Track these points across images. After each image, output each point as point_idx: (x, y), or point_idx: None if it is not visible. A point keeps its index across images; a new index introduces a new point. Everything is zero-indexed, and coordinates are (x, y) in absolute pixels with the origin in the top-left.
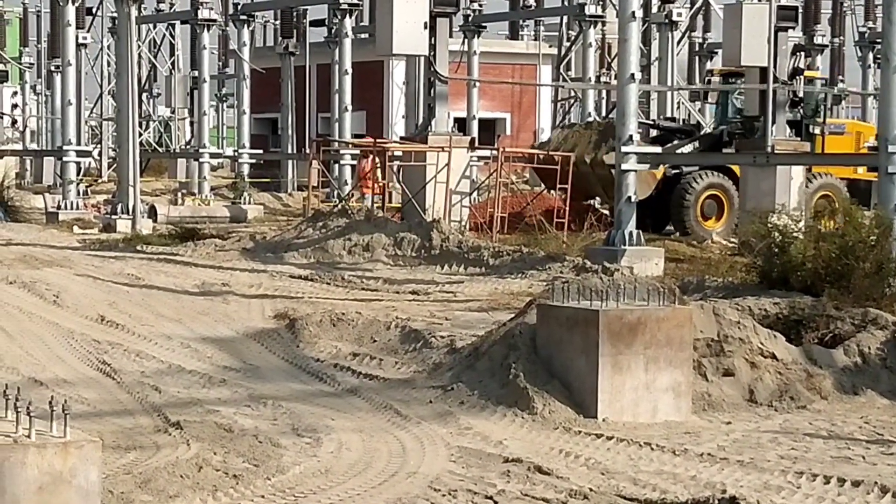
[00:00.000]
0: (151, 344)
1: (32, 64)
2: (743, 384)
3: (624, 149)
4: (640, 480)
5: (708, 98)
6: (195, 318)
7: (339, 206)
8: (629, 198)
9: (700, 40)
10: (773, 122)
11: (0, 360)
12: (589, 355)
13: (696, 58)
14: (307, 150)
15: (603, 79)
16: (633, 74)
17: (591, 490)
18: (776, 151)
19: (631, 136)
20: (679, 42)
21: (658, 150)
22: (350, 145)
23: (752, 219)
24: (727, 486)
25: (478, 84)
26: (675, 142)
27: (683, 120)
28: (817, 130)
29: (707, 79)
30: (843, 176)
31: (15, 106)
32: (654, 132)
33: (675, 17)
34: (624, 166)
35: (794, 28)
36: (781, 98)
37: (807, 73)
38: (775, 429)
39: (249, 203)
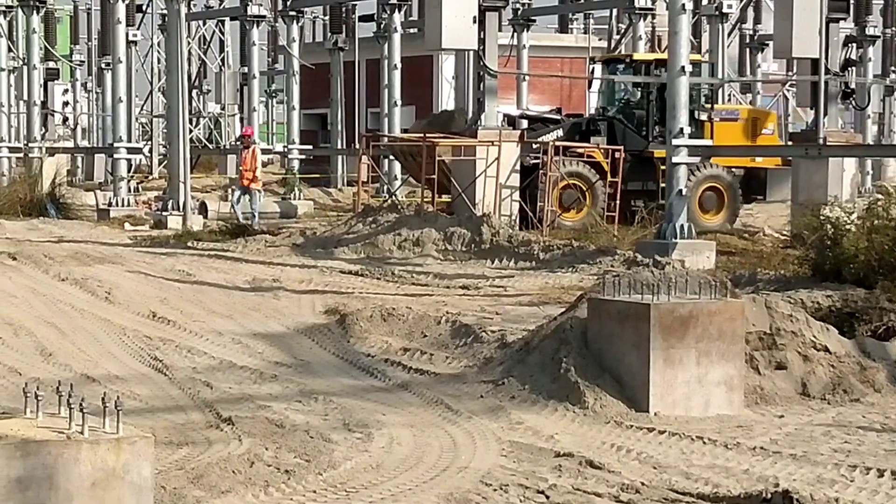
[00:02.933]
0: (203, 340)
1: (83, 61)
2: (795, 377)
3: (675, 142)
4: (693, 474)
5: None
6: (246, 314)
7: (389, 201)
8: (680, 191)
9: (750, 32)
10: (825, 115)
11: (53, 357)
12: (640, 349)
13: (747, 50)
14: (357, 146)
15: (653, 72)
16: (683, 67)
17: (642, 484)
18: (828, 143)
19: (682, 129)
20: (729, 34)
21: (708, 142)
22: (399, 140)
23: (805, 211)
24: (780, 479)
25: (527, 78)
26: (539, 129)
27: (558, 109)
28: (704, 117)
29: (592, 67)
30: (740, 165)
31: (66, 103)
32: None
33: (725, 9)
34: (675, 159)
35: (845, 19)
36: (833, 90)
37: (694, 56)
38: (828, 422)
39: (299, 199)
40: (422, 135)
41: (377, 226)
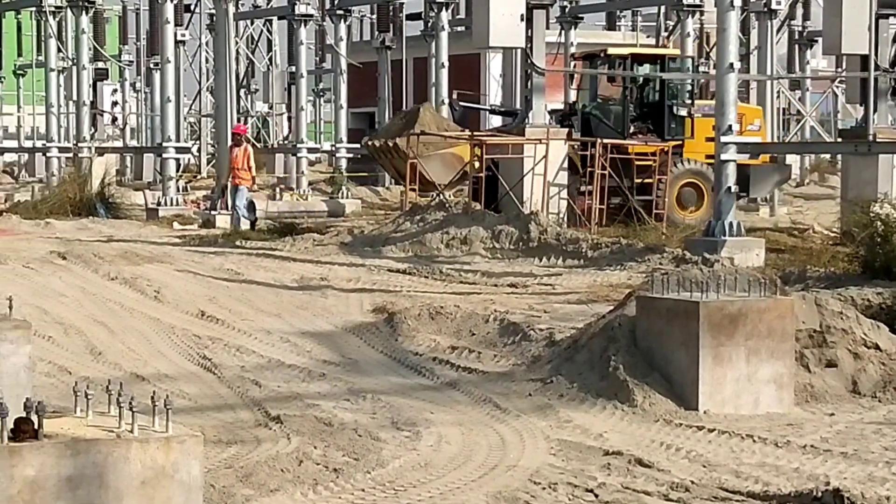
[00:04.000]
0: (251, 339)
1: (132, 61)
2: (846, 375)
3: (724, 139)
4: (743, 473)
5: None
6: (294, 313)
7: (437, 199)
8: (729, 188)
9: (799, 28)
10: (875, 111)
11: (102, 356)
12: (689, 347)
13: (796, 46)
14: None
15: (701, 69)
16: (731, 64)
17: (692, 483)
18: (878, 140)
19: (730, 127)
20: (778, 31)
21: (758, 139)
22: (447, 138)
23: (854, 208)
24: (830, 478)
25: (575, 75)
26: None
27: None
28: (683, 112)
29: (573, 63)
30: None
31: (115, 103)
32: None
33: (774, 6)
34: (723, 156)
35: (895, 15)
36: (883, 86)
37: (670, 51)
38: (879, 420)
39: (347, 197)
40: (469, 134)
41: (425, 224)
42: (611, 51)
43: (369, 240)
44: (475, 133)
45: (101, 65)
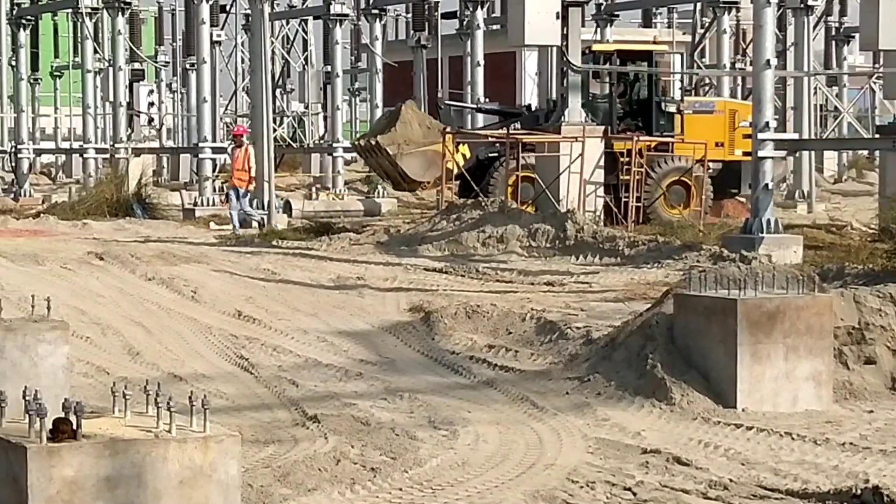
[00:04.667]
0: (288, 338)
1: (168, 62)
2: (885, 372)
3: (761, 136)
4: (781, 471)
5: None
6: (331, 312)
7: (473, 198)
8: (766, 185)
9: (836, 25)
10: None
11: (140, 357)
12: (727, 345)
13: (833, 42)
14: None
15: (738, 65)
16: (768, 60)
17: (730, 481)
18: None
19: (767, 123)
20: (815, 27)
21: (795, 136)
22: (483, 136)
23: (893, 205)
24: (870, 475)
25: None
26: (498, 123)
27: (528, 104)
28: (672, 108)
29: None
30: (717, 158)
31: (151, 104)
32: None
33: (810, 2)
34: (760, 153)
35: None
36: None
37: (657, 46)
38: None
39: (383, 196)
40: (506, 132)
41: (461, 223)
42: (595, 47)
43: (406, 239)
44: (511, 131)
45: (137, 66)
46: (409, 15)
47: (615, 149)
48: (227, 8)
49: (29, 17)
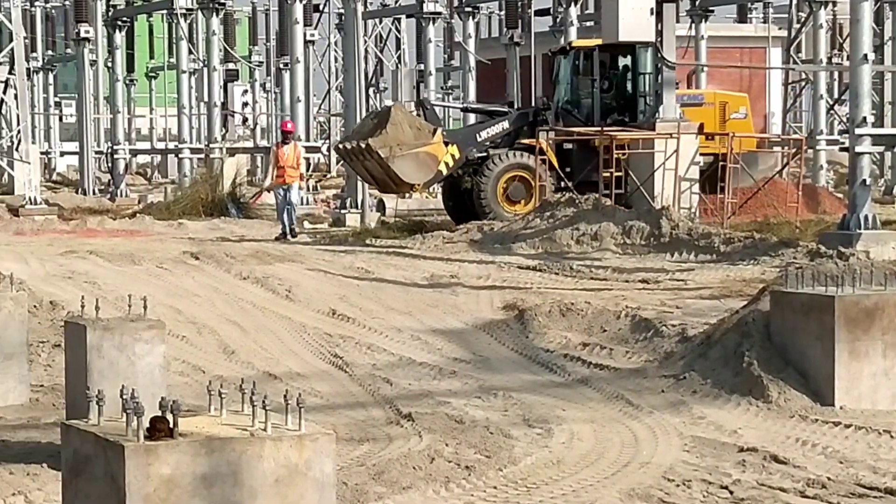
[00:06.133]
0: (382, 337)
1: (262, 62)
2: None
3: (858, 131)
4: (880, 469)
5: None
6: (425, 311)
7: (567, 195)
8: (864, 181)
9: None
10: None
11: (235, 355)
12: (825, 342)
13: None
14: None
15: (835, 60)
16: (865, 55)
17: (828, 479)
18: None
19: (865, 119)
20: None
21: (893, 131)
22: (576, 134)
23: None
24: None
25: (706, 69)
26: (485, 122)
27: (510, 103)
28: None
29: (556, 58)
30: (710, 151)
31: (245, 104)
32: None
33: None
34: (857, 149)
35: None
36: None
37: (641, 40)
38: None
39: None
40: (599, 129)
41: (555, 220)
42: (575, 43)
43: (499, 237)
44: (605, 129)
45: (231, 66)
46: (503, 12)
47: (596, 145)
48: (321, 7)
49: (124, 19)
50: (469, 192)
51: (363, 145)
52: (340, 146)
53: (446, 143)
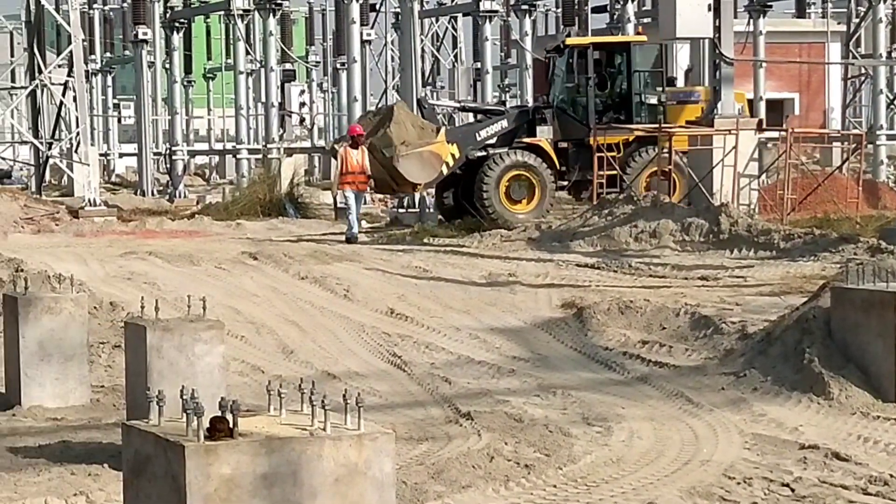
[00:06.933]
0: (440, 335)
1: (319, 62)
2: None
3: None
4: None
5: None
6: (483, 309)
7: (625, 192)
8: None
9: None
10: None
11: (294, 355)
12: (886, 338)
13: None
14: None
15: (894, 55)
16: None
17: (891, 476)
18: None
19: None
20: None
21: None
22: (633, 131)
23: None
24: None
25: (764, 65)
26: (484, 121)
27: (502, 102)
28: (653, 100)
29: (549, 58)
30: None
31: (303, 104)
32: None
33: None
34: None
35: None
36: None
37: (635, 38)
38: None
39: None
40: (657, 126)
41: (613, 218)
42: (569, 41)
43: (557, 235)
44: (663, 126)
45: (288, 66)
46: (559, 10)
47: (592, 143)
48: (377, 7)
49: (182, 20)
50: (467, 192)
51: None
52: (337, 146)
53: (448, 142)
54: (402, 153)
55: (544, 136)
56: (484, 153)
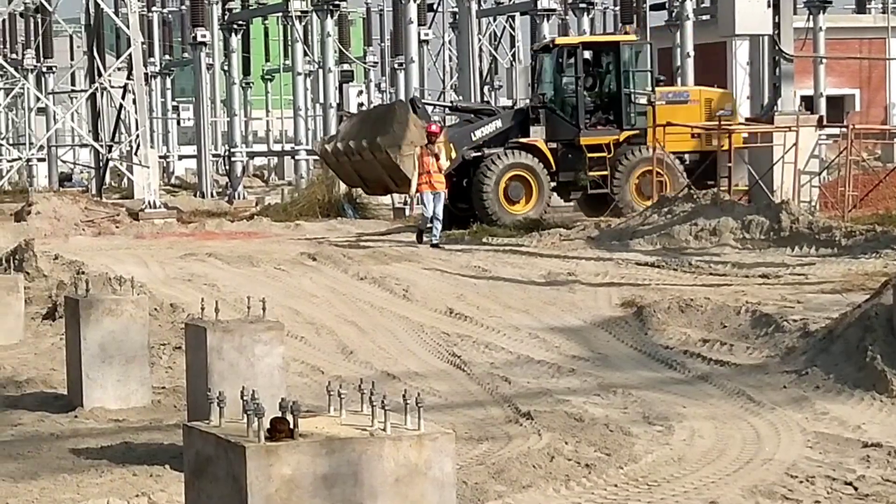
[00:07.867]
0: (500, 335)
1: (376, 62)
2: None
3: None
4: None
5: None
6: (542, 309)
7: (685, 190)
8: None
9: None
10: None
11: (354, 355)
12: None
13: None
14: None
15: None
16: None
17: None
18: None
19: None
20: None
21: None
22: (693, 128)
23: None
24: None
25: (824, 61)
26: (477, 121)
27: (487, 102)
28: (643, 101)
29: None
30: (696, 150)
31: (361, 105)
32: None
33: None
34: None
35: None
36: None
37: (624, 37)
38: None
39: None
40: (717, 123)
41: (673, 216)
42: (559, 41)
43: (616, 233)
44: (722, 123)
45: (346, 67)
46: (617, 7)
47: (583, 143)
48: (435, 7)
49: (240, 22)
50: (465, 192)
51: (365, 144)
52: (327, 147)
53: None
54: (406, 153)
55: (537, 136)
56: (479, 153)
